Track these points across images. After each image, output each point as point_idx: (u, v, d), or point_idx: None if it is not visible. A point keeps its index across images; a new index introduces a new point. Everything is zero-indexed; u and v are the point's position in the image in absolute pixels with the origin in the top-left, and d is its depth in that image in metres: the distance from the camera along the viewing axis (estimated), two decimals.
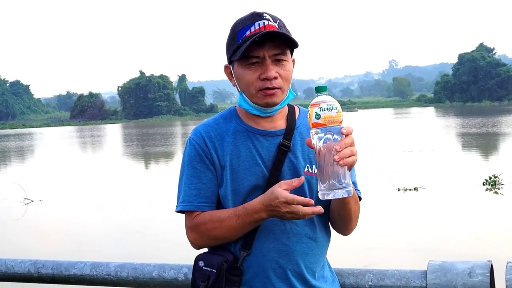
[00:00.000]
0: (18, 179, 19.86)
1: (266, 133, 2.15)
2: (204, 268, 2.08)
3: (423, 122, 51.99)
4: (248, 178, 2.12)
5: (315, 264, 2.17)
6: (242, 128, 2.17)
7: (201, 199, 2.15)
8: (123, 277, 2.64)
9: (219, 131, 2.18)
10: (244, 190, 2.11)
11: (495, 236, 10.49)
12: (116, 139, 54.71)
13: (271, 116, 2.17)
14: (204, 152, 2.16)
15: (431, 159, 21.76)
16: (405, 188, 15.12)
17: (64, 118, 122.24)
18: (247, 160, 2.13)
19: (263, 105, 2.10)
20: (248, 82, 2.08)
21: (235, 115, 2.22)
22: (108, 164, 27.89)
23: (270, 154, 2.13)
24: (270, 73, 2.04)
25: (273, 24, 2.05)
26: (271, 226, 2.09)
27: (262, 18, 2.05)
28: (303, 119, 2.22)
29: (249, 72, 2.07)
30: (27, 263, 2.82)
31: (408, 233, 10.93)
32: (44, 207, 16.09)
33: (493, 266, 2.23)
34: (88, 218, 14.16)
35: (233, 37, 2.10)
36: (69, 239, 12.02)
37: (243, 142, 2.15)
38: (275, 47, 2.05)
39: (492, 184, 14.96)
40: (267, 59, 2.05)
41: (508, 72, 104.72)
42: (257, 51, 2.03)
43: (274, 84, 2.06)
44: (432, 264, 2.27)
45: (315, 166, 2.10)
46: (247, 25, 2.06)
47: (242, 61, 2.07)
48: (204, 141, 2.16)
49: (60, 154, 36.12)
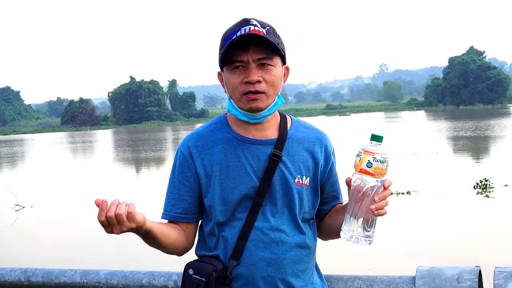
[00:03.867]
0: (9, 185, 19.70)
1: (256, 142, 2.14)
2: (194, 276, 2.09)
3: (419, 125, 52.00)
4: (237, 187, 2.11)
5: (304, 271, 2.17)
6: (231, 137, 2.16)
7: (177, 210, 2.18)
8: (113, 284, 2.67)
9: (207, 140, 2.17)
10: (234, 199, 2.11)
11: (484, 241, 10.56)
12: (107, 144, 54.74)
13: (262, 124, 2.15)
14: (187, 163, 2.17)
15: (428, 162, 21.84)
16: (398, 192, 15.06)
17: (55, 124, 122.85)
18: (237, 169, 2.12)
19: (247, 110, 2.09)
20: (233, 86, 2.08)
21: (225, 123, 2.21)
22: (99, 170, 27.79)
23: (261, 163, 2.12)
24: (252, 77, 2.03)
25: (260, 30, 2.04)
26: (260, 236, 2.09)
27: (248, 24, 2.05)
28: (295, 128, 2.21)
29: (234, 77, 2.07)
30: (17, 271, 2.85)
31: (398, 237, 10.95)
32: (36, 213, 16.11)
33: (481, 272, 2.24)
34: (79, 225, 14.06)
35: (222, 44, 2.10)
36: (60, 246, 12.02)
37: (232, 151, 2.14)
38: (259, 52, 2.04)
39: (483, 187, 15.03)
40: (251, 63, 2.05)
41: (499, 75, 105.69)
42: (241, 55, 2.04)
43: (257, 87, 2.05)
44: (420, 270, 2.29)
45: (306, 177, 2.15)
46: (234, 30, 2.06)
47: (228, 66, 2.08)
48: (190, 151, 2.17)
49: (51, 160, 35.95)
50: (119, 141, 57.06)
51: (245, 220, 2.11)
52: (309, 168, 2.19)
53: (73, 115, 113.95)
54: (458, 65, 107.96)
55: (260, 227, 2.10)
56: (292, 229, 2.14)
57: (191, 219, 2.20)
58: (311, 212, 2.20)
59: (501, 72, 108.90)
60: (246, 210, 2.11)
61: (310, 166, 2.19)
